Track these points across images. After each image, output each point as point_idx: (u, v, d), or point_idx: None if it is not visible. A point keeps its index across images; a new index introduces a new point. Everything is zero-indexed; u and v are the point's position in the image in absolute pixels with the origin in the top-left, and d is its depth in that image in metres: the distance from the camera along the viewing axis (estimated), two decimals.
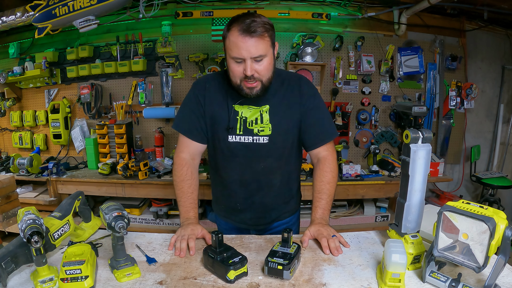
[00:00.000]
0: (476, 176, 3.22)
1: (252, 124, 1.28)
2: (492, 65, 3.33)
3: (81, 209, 1.20)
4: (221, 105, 1.30)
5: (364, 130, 3.17)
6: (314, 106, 1.31)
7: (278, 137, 1.29)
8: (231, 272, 0.92)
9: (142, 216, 2.96)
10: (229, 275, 0.92)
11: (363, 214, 2.97)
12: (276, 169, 1.34)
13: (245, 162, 1.31)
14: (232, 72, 1.18)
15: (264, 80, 1.19)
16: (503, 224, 0.78)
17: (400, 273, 0.86)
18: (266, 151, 1.29)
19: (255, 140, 1.28)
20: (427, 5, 2.58)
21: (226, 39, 1.15)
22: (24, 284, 0.93)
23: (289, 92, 1.30)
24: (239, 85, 1.19)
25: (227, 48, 1.16)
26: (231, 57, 1.15)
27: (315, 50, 2.91)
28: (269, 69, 1.18)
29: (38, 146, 3.31)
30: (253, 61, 1.13)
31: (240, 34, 1.10)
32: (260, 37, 1.11)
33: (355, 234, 1.24)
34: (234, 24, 1.12)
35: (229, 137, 1.29)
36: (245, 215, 1.42)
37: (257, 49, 1.11)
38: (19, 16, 2.69)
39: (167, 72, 3.04)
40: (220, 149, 1.33)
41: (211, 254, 0.97)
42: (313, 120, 1.31)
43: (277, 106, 1.28)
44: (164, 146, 3.10)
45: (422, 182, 1.02)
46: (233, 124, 1.28)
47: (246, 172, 1.33)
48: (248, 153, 1.30)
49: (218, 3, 2.94)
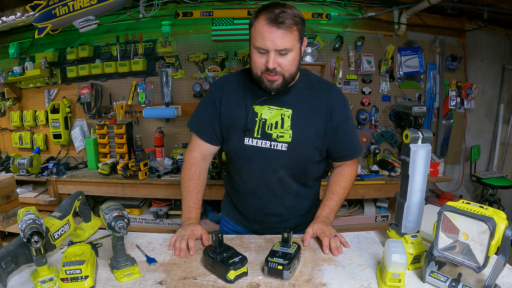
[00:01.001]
0: (476, 176, 3.22)
1: (272, 128, 1.19)
2: (492, 65, 3.33)
3: (81, 209, 1.19)
4: (240, 105, 1.23)
5: (364, 130, 3.17)
6: (344, 119, 1.24)
7: (298, 146, 1.20)
8: (231, 272, 0.92)
9: (142, 216, 2.95)
10: (229, 275, 0.92)
11: (363, 214, 2.97)
12: (292, 180, 1.26)
13: (259, 171, 1.23)
14: (254, 62, 1.12)
15: (286, 75, 1.12)
16: (503, 224, 0.78)
17: (400, 273, 0.86)
18: (283, 160, 1.21)
19: (273, 146, 1.19)
20: (427, 5, 2.58)
21: (252, 27, 1.09)
22: (24, 284, 0.93)
23: (317, 99, 1.22)
24: (259, 77, 1.13)
25: (251, 37, 1.11)
26: (255, 47, 1.09)
27: (315, 50, 2.91)
28: (293, 64, 1.11)
29: (38, 146, 3.31)
30: (277, 54, 1.07)
31: (267, 23, 1.04)
32: (288, 29, 1.04)
33: (355, 234, 1.24)
34: (263, 13, 1.06)
35: (245, 139, 1.21)
36: (258, 225, 1.36)
37: (282, 42, 1.05)
38: (19, 16, 2.70)
39: (167, 72, 3.04)
40: (235, 152, 1.26)
41: (211, 254, 0.97)
42: (344, 132, 1.24)
43: (301, 113, 1.20)
44: (164, 146, 3.10)
45: (422, 182, 1.02)
46: (251, 126, 1.20)
47: (260, 181, 1.25)
48: (264, 159, 1.21)
49: (218, 3, 2.94)
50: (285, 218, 1.34)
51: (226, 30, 2.82)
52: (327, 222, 1.21)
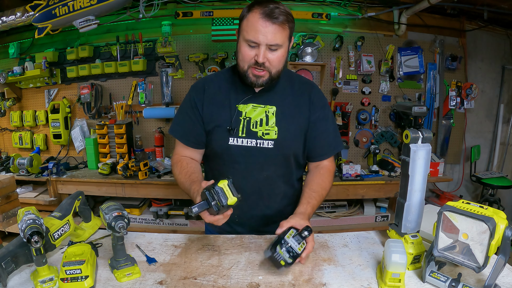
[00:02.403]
0: (476, 176, 3.22)
1: (256, 126, 1.19)
2: (492, 65, 3.34)
3: (81, 209, 1.19)
4: (223, 106, 1.21)
5: (364, 130, 3.17)
6: (323, 117, 1.25)
7: (284, 142, 1.19)
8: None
9: (142, 216, 2.95)
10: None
11: (363, 214, 2.97)
12: (280, 179, 1.25)
13: (246, 170, 1.21)
14: (242, 55, 1.11)
15: (273, 72, 1.13)
16: (503, 224, 0.78)
17: (400, 273, 0.86)
18: (270, 158, 1.20)
19: (258, 144, 1.18)
20: (427, 5, 2.58)
21: (244, 19, 1.09)
22: (24, 284, 0.93)
23: (299, 96, 1.23)
24: (245, 71, 1.13)
25: (242, 30, 1.10)
26: (245, 39, 1.08)
27: (315, 50, 2.91)
28: (281, 61, 1.12)
29: (38, 146, 3.31)
30: (267, 49, 1.08)
31: (262, 17, 1.04)
32: (281, 26, 1.06)
33: (355, 234, 1.24)
34: (257, 6, 1.06)
35: (230, 139, 1.19)
36: (243, 228, 1.31)
37: (275, 37, 1.06)
38: (19, 16, 2.70)
39: (167, 72, 3.04)
40: (219, 154, 1.24)
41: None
42: (320, 131, 1.25)
43: (285, 109, 1.20)
44: (164, 146, 3.10)
45: (422, 182, 1.02)
46: (236, 125, 1.19)
47: (247, 181, 1.22)
48: (250, 159, 1.20)
49: (218, 3, 2.94)
50: (271, 221, 1.28)
51: (226, 30, 2.82)
52: (307, 218, 1.12)
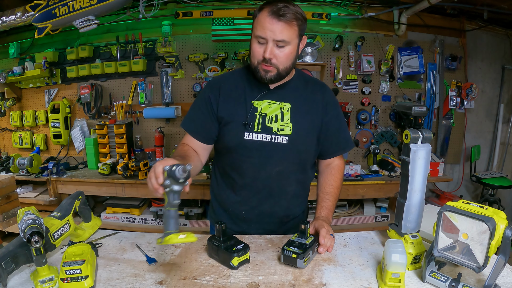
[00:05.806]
0: (476, 176, 3.22)
1: (272, 122, 1.22)
2: (492, 65, 3.33)
3: (81, 209, 1.19)
4: (238, 102, 1.25)
5: (364, 130, 3.17)
6: (336, 115, 1.30)
7: (298, 138, 1.23)
8: (235, 258, 0.98)
9: (142, 216, 2.95)
10: (233, 261, 0.98)
11: (363, 214, 2.97)
12: (291, 175, 1.28)
13: (259, 164, 1.24)
14: (253, 52, 1.17)
15: (280, 68, 1.16)
16: (503, 224, 0.78)
17: (400, 273, 0.86)
18: (284, 153, 1.23)
19: (273, 139, 1.22)
20: (427, 5, 2.58)
21: (255, 18, 1.15)
22: (24, 284, 0.93)
23: (312, 95, 1.28)
24: (256, 67, 1.17)
25: (253, 27, 1.16)
26: (255, 36, 1.14)
27: (315, 50, 2.91)
28: (289, 58, 1.16)
29: (38, 146, 3.31)
30: (275, 45, 1.12)
31: (269, 15, 1.10)
32: (288, 23, 1.10)
33: (355, 234, 1.24)
34: (267, 6, 1.12)
35: (245, 134, 1.22)
36: (249, 225, 1.33)
37: (281, 33, 1.10)
38: (19, 16, 2.69)
39: (167, 72, 3.04)
40: (234, 148, 1.26)
41: (215, 243, 1.02)
42: (334, 129, 1.30)
43: (299, 107, 1.25)
44: (164, 146, 3.09)
45: (422, 182, 1.02)
46: (251, 120, 1.22)
47: (259, 175, 1.25)
48: (264, 153, 1.23)
49: (218, 3, 2.94)
50: (279, 221, 1.33)
51: (226, 30, 2.82)
52: (327, 222, 1.21)
